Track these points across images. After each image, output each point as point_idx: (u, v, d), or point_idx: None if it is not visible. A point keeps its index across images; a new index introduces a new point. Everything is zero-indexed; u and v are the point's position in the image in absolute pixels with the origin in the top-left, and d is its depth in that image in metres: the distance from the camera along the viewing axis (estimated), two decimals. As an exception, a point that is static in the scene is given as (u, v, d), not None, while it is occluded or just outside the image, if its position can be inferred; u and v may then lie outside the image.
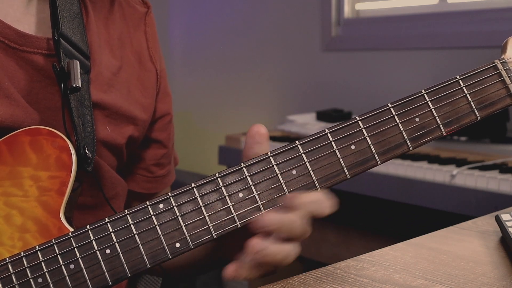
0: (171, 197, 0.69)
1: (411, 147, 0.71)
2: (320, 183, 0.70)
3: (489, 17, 2.10)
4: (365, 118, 0.70)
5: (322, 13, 2.56)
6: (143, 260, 0.68)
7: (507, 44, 0.73)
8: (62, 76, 0.78)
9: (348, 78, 2.48)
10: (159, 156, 0.98)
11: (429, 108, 0.71)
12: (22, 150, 0.74)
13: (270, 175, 0.69)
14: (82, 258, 0.68)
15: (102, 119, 0.85)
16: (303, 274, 0.70)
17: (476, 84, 0.72)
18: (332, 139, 0.70)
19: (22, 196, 0.72)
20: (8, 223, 0.72)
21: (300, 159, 0.70)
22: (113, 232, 0.68)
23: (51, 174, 0.73)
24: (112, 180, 0.88)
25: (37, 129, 0.75)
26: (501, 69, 0.72)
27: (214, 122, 3.03)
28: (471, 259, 0.74)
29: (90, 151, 0.78)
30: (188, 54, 3.17)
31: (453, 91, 0.71)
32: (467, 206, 1.59)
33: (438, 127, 0.71)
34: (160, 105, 0.96)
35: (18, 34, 0.79)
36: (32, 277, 0.68)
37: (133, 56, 0.92)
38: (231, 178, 0.69)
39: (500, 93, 0.72)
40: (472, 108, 0.71)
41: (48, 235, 0.71)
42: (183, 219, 0.68)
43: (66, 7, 0.82)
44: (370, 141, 0.70)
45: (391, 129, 0.70)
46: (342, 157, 0.70)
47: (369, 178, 1.82)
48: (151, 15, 0.96)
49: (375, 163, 0.70)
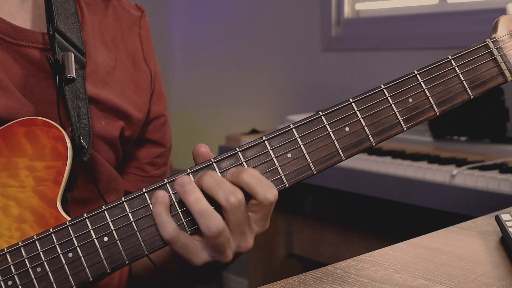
0: (167, 183, 0.69)
1: (405, 128, 0.71)
2: (315, 165, 0.70)
3: (489, 17, 2.09)
4: (359, 100, 0.71)
5: (322, 13, 2.56)
6: (141, 247, 0.69)
7: (498, 23, 0.74)
8: (57, 68, 0.78)
9: (348, 78, 2.48)
10: (153, 155, 0.98)
11: (422, 89, 0.71)
12: (17, 141, 0.74)
13: (266, 159, 0.69)
14: (80, 246, 0.68)
15: (97, 113, 0.85)
16: (303, 274, 0.70)
17: (468, 63, 0.72)
18: (326, 121, 0.70)
19: (18, 186, 0.73)
20: (5, 214, 0.72)
21: (295, 142, 0.70)
22: (111, 220, 0.69)
23: (47, 164, 0.73)
24: (108, 174, 0.88)
25: (32, 119, 0.75)
26: (492, 47, 0.73)
27: (214, 122, 3.03)
28: (471, 259, 0.74)
29: (86, 141, 0.78)
30: (188, 54, 3.17)
31: (445, 71, 0.72)
32: (467, 206, 1.59)
33: (432, 107, 0.71)
34: (154, 106, 0.96)
35: (13, 28, 0.80)
36: (31, 267, 0.68)
37: (127, 57, 0.93)
38: (226, 163, 0.69)
39: (492, 71, 0.72)
40: (465, 87, 0.72)
41: (45, 224, 0.71)
42: (180, 204, 0.69)
43: (62, 6, 0.83)
44: (364, 122, 0.70)
45: (384, 110, 0.71)
46: (336, 139, 0.70)
47: (369, 178, 1.82)
48: (145, 19, 0.98)
49: (370, 144, 0.70)
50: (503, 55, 0.72)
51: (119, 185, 0.92)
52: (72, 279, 0.68)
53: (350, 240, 2.22)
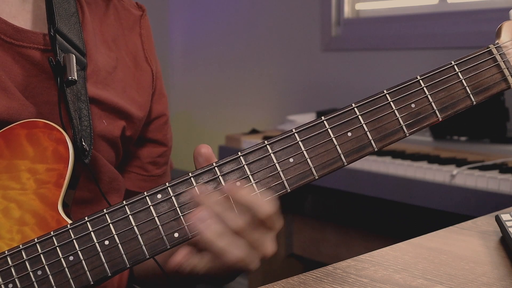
0: (169, 187, 0.69)
1: (408, 133, 0.71)
2: (317, 170, 0.69)
3: (489, 17, 2.09)
4: (361, 105, 0.70)
5: (322, 13, 2.56)
6: (142, 250, 0.68)
7: (502, 29, 0.74)
8: (58, 70, 0.78)
9: (348, 78, 2.48)
10: (155, 154, 0.98)
11: (424, 94, 0.71)
12: (18, 143, 0.74)
13: (268, 164, 0.69)
14: (81, 250, 0.68)
15: (98, 113, 0.85)
16: (303, 274, 0.70)
17: (471, 69, 0.72)
18: (328, 126, 0.70)
19: (19, 189, 0.73)
20: (7, 217, 0.72)
21: (297, 147, 0.70)
22: (112, 223, 0.68)
23: (49, 167, 0.73)
24: (109, 174, 0.88)
25: (33, 122, 0.75)
26: (495, 53, 0.72)
27: (214, 122, 3.03)
28: (471, 259, 0.74)
29: (87, 144, 0.78)
30: (188, 54, 3.17)
31: (448, 76, 0.71)
32: (467, 206, 1.59)
33: (434, 112, 0.71)
34: (156, 105, 0.96)
35: (14, 29, 0.80)
36: (32, 270, 0.68)
37: (128, 57, 0.92)
38: (228, 167, 0.69)
39: (495, 77, 0.72)
40: (468, 93, 0.72)
41: (46, 227, 0.71)
42: (181, 209, 0.69)
43: (62, 6, 0.83)
44: (367, 128, 0.70)
45: (387, 115, 0.70)
46: (338, 144, 0.70)
47: (369, 178, 1.82)
48: (146, 18, 0.97)
49: (372, 150, 0.70)
50: (506, 61, 0.72)
51: (120, 185, 0.91)
52: (73, 282, 0.68)
53: (350, 240, 2.22)
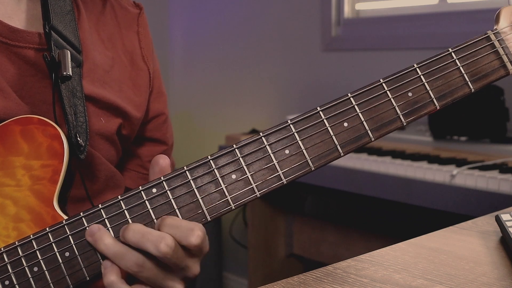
0: (164, 181, 0.69)
1: (405, 122, 0.69)
2: (313, 162, 0.69)
3: (489, 17, 2.09)
4: (357, 94, 0.69)
5: (322, 13, 2.56)
6: None
7: (500, 14, 0.72)
8: (53, 66, 0.78)
9: (348, 78, 2.48)
10: (155, 153, 0.98)
11: (421, 82, 0.70)
12: (13, 140, 0.74)
13: (263, 156, 0.69)
14: (76, 245, 0.68)
15: (96, 111, 0.85)
16: (303, 274, 0.70)
17: (469, 56, 0.70)
18: (324, 116, 0.69)
19: (15, 185, 0.73)
20: (2, 213, 0.72)
21: (292, 138, 0.69)
22: (107, 218, 0.68)
23: (43, 163, 0.73)
24: (106, 172, 0.88)
25: (28, 118, 0.75)
26: (494, 40, 0.71)
27: (214, 122, 3.03)
28: (471, 259, 0.74)
29: (83, 139, 0.78)
30: (188, 54, 3.17)
31: (445, 64, 0.70)
32: (467, 206, 1.58)
33: (432, 101, 0.70)
34: (154, 104, 0.96)
35: (9, 29, 0.80)
36: (27, 265, 0.68)
37: (124, 56, 0.92)
38: (223, 160, 0.69)
39: (493, 64, 0.71)
40: (466, 81, 0.70)
41: (42, 223, 0.71)
42: (176, 202, 0.68)
43: (58, 4, 0.83)
44: (363, 117, 0.69)
45: (383, 104, 0.69)
46: (335, 135, 0.69)
47: (369, 178, 1.82)
48: (143, 16, 0.97)
49: (369, 140, 0.69)
50: (505, 47, 0.70)
51: (118, 182, 0.91)
52: (69, 278, 0.68)
53: (350, 240, 2.22)
